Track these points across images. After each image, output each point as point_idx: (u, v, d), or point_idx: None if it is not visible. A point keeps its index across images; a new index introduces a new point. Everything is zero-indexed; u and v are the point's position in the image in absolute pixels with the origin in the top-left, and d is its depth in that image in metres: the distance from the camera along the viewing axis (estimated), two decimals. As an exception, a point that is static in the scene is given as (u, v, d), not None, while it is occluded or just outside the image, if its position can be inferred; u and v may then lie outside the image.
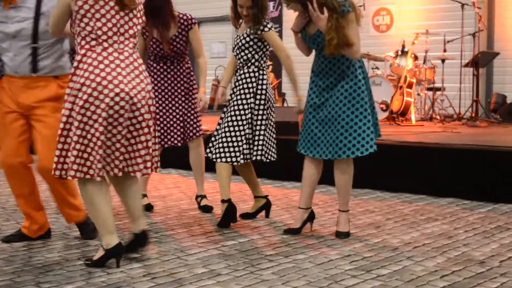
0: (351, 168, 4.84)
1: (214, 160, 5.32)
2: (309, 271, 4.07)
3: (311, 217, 5.06)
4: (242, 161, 5.24)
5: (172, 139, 5.90)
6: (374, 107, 4.93)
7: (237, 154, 5.20)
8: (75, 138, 3.85)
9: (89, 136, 3.85)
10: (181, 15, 5.80)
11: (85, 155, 3.89)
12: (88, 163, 3.90)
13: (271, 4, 14.03)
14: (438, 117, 10.37)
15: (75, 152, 3.86)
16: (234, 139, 5.21)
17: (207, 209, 5.94)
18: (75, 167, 3.88)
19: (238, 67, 5.38)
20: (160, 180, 7.71)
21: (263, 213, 5.64)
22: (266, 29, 5.20)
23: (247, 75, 5.27)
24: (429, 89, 10.74)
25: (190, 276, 3.97)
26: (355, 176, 4.90)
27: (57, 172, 3.99)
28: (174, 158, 7.82)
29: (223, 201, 5.32)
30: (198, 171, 6.08)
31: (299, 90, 5.32)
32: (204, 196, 6.07)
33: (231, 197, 5.32)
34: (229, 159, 5.23)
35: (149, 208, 5.95)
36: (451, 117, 10.45)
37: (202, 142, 6.07)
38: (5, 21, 4.39)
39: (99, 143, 3.85)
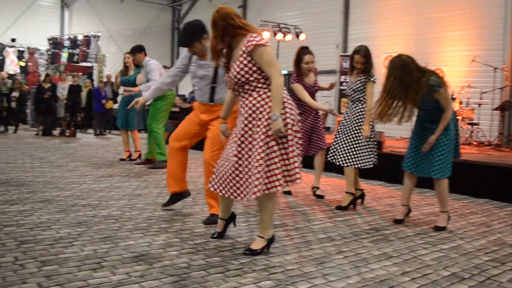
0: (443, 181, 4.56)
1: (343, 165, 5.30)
2: (393, 242, 4.09)
3: (409, 212, 4.90)
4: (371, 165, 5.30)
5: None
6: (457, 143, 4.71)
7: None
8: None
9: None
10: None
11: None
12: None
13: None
14: (474, 143, 10.06)
15: (279, 165, 3.41)
16: (357, 149, 5.24)
17: (320, 196, 5.95)
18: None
19: (350, 103, 5.43)
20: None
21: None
22: (372, 79, 5.28)
23: (359, 109, 5.31)
24: (469, 123, 10.44)
25: (315, 239, 4.08)
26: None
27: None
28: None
29: (347, 192, 5.35)
30: (319, 170, 6.04)
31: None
32: (318, 188, 6.08)
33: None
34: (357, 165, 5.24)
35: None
36: (483, 144, 10.10)
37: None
38: (197, 67, 4.44)
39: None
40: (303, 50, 5.75)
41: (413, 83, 4.30)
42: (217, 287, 2.89)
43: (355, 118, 5.28)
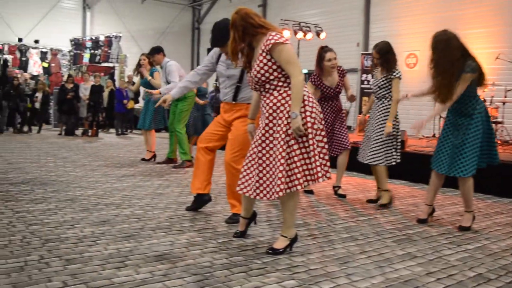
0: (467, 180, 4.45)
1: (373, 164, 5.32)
2: (417, 242, 4.04)
3: (433, 212, 4.82)
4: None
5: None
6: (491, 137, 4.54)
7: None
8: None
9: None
10: (338, 66, 5.75)
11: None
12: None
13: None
14: (499, 142, 9.88)
15: (299, 164, 3.37)
16: (383, 146, 5.24)
17: (342, 196, 5.90)
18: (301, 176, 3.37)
19: (375, 100, 5.40)
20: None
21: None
22: (397, 75, 5.25)
23: (384, 106, 5.28)
24: (493, 122, 10.25)
25: (338, 239, 4.05)
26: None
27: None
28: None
29: (379, 189, 5.41)
30: (342, 169, 5.96)
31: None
32: (340, 187, 6.04)
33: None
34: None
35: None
36: (507, 142, 9.93)
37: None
38: (225, 66, 4.41)
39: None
40: (324, 48, 5.71)
41: (454, 61, 4.23)
42: (240, 286, 2.89)
43: (380, 115, 5.25)
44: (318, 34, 14.89)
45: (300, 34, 14.54)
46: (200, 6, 24.80)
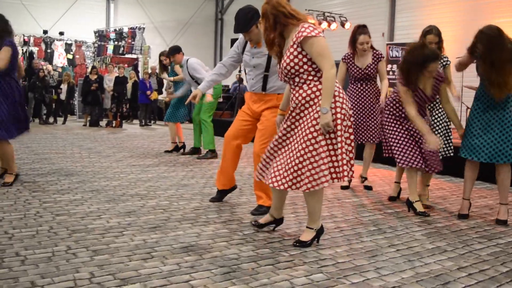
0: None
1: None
2: (446, 236, 3.95)
3: (470, 206, 4.64)
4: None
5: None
6: None
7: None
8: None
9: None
10: (375, 50, 5.67)
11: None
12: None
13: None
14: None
15: (326, 160, 3.29)
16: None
17: (369, 187, 5.81)
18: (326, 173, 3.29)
19: None
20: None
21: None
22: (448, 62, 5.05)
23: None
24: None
25: (366, 231, 3.99)
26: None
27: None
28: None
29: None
30: (368, 160, 5.88)
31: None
32: (366, 178, 5.96)
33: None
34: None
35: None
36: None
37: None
38: (251, 56, 4.34)
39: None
40: (359, 30, 5.55)
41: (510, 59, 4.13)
42: (268, 279, 2.85)
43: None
44: (342, 24, 14.73)
45: (324, 24, 14.41)
46: (223, -3, 24.73)
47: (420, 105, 4.59)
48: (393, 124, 4.68)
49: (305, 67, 3.31)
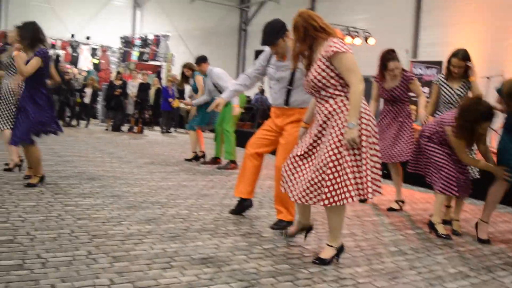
0: None
1: None
2: (469, 261, 3.87)
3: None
4: None
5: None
6: None
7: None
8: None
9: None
10: (404, 72, 5.56)
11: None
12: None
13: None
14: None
15: (351, 176, 3.24)
16: None
17: (393, 209, 5.62)
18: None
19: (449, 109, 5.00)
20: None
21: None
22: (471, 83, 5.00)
23: None
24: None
25: (387, 252, 3.93)
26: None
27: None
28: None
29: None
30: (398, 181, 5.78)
31: None
32: (403, 201, 5.71)
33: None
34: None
35: None
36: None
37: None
38: (276, 69, 4.33)
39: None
40: (387, 56, 5.47)
41: None
42: (287, 296, 2.82)
43: None
44: (366, 39, 14.70)
45: (348, 39, 14.39)
46: (248, 8, 24.89)
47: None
48: (433, 149, 4.61)
49: (332, 81, 3.30)
